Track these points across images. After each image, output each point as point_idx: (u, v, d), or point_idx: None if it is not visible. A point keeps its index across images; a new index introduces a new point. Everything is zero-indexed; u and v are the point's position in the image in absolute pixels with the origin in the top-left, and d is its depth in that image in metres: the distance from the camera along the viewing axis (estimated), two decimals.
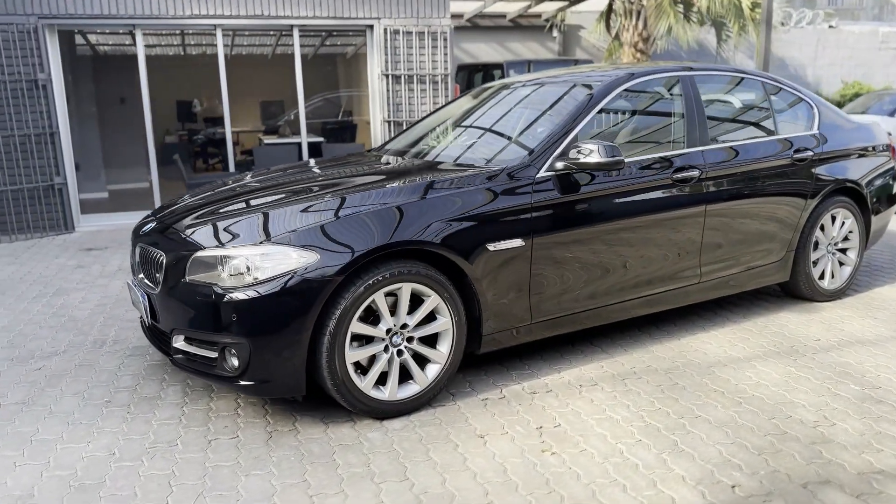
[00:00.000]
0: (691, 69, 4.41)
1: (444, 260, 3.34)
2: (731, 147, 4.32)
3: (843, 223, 4.87)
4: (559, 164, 3.67)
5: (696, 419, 3.24)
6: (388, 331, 3.25)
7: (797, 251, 4.69)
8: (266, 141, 10.31)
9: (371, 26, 9.07)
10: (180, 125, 13.75)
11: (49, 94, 8.06)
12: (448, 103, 5.32)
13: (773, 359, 3.92)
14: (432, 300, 3.31)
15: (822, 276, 4.86)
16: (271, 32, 10.71)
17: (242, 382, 3.10)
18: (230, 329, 3.04)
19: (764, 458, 2.90)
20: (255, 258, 3.06)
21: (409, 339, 3.32)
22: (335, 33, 10.67)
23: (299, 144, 9.47)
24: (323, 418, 3.31)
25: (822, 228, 4.78)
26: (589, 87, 4.10)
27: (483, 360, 3.96)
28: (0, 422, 3.36)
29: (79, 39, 11.69)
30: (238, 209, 3.52)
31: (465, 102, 4.91)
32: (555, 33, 17.94)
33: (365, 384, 3.21)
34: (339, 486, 2.76)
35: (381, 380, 3.29)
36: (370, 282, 3.13)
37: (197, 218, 3.54)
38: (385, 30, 8.99)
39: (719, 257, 4.27)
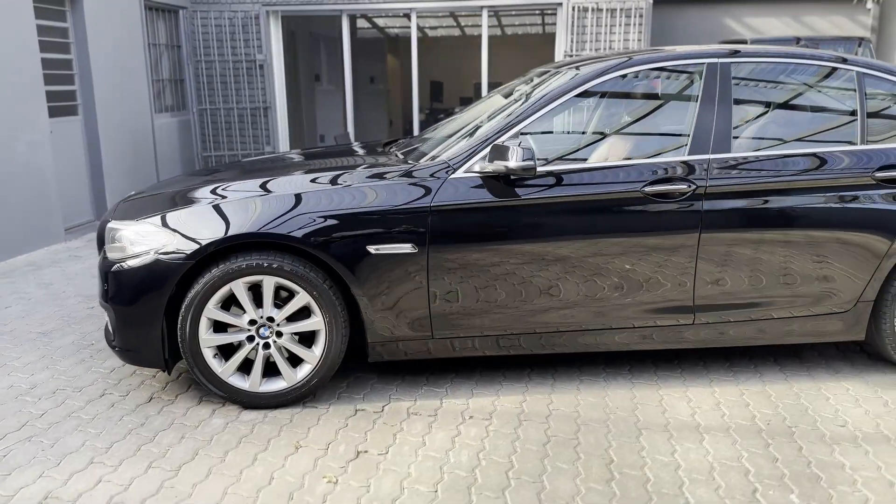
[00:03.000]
0: (733, 54, 3.47)
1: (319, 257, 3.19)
2: (762, 157, 3.34)
3: None
4: (478, 167, 3.23)
5: (532, 484, 2.66)
6: (253, 322, 3.22)
7: (879, 303, 3.46)
8: None
9: (560, 4, 8.62)
10: (430, 104, 14.60)
11: (266, 73, 9.19)
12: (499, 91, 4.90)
13: (746, 438, 3.00)
14: (300, 297, 3.18)
15: None
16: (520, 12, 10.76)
17: (116, 349, 3.35)
18: (106, 297, 3.29)
19: None
20: (131, 234, 3.25)
21: (280, 335, 3.25)
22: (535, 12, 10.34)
23: None
24: (213, 398, 3.42)
25: None
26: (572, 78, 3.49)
27: (426, 366, 3.69)
28: None
29: (361, 23, 13.00)
30: (177, 189, 3.70)
31: (500, 91, 4.50)
32: (868, 4, 14.99)
33: (223, 370, 3.23)
34: (119, 456, 2.86)
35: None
36: (227, 270, 3.13)
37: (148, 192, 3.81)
38: (574, 7, 8.47)
39: (729, 298, 3.36)
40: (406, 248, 3.18)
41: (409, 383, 3.55)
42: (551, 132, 3.59)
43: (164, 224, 3.21)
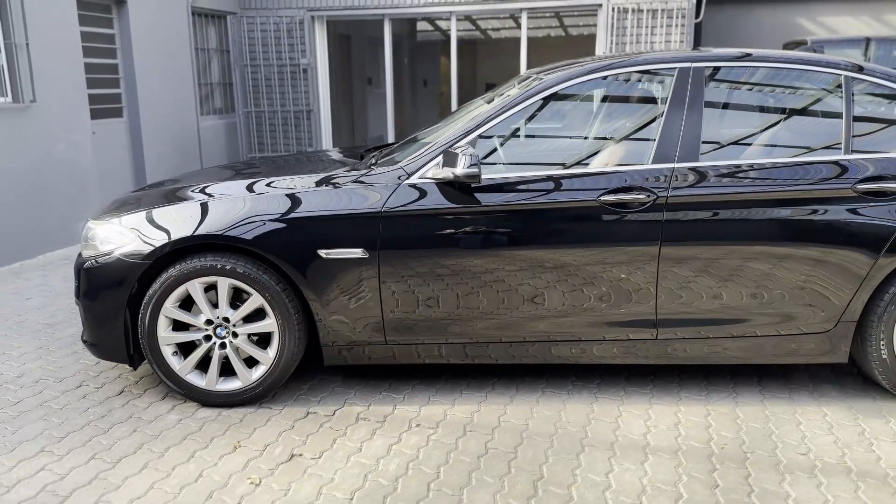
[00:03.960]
0: (708, 59, 3.32)
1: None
2: (731, 166, 3.17)
3: None
4: (431, 173, 3.21)
5: (450, 497, 2.61)
6: (210, 322, 3.30)
7: (864, 324, 3.23)
8: None
9: (600, 5, 8.43)
10: None
11: (311, 76, 9.39)
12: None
13: (693, 461, 2.85)
14: (254, 299, 3.24)
15: None
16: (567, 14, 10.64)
17: (86, 343, 3.49)
18: (77, 294, 3.44)
19: None
20: (101, 233, 3.38)
21: (236, 335, 3.31)
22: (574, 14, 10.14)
23: None
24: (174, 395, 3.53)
25: None
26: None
27: (392, 372, 3.69)
28: None
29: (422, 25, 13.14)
30: (152, 192, 3.82)
31: (485, 97, 4.44)
32: None
33: (180, 368, 3.32)
34: (69, 446, 2.98)
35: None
36: (183, 271, 3.22)
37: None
38: (614, 8, 8.28)
39: (694, 314, 3.21)
40: (356, 252, 3.18)
41: (370, 388, 3.55)
42: (517, 137, 3.52)
43: (128, 225, 3.33)
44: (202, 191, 3.43)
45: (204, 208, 3.28)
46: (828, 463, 2.83)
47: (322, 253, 3.19)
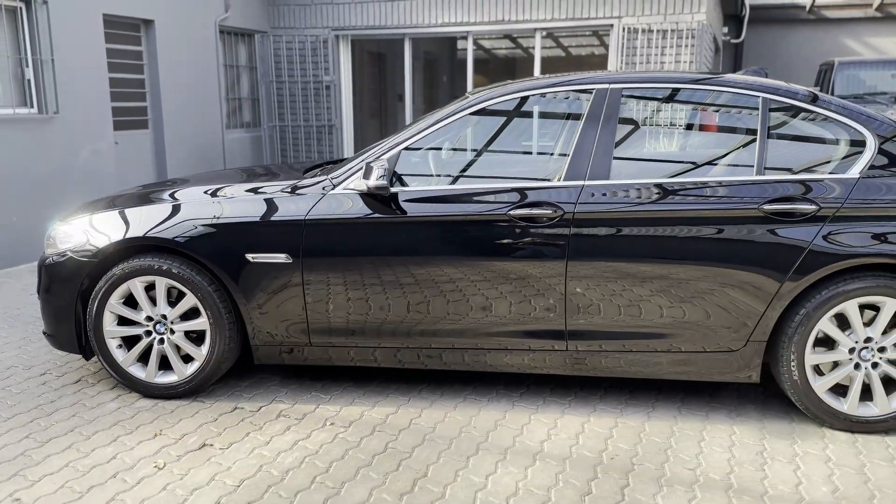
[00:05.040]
0: (625, 81, 3.41)
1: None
2: (640, 184, 3.24)
3: None
4: (353, 185, 3.39)
5: (328, 489, 2.76)
6: (150, 318, 3.55)
7: (776, 345, 3.24)
8: None
9: (611, 25, 8.49)
10: None
11: (333, 93, 9.74)
12: None
13: (577, 469, 2.93)
14: (187, 299, 3.48)
15: (843, 393, 3.25)
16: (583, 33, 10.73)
17: (44, 334, 3.79)
18: (38, 288, 3.75)
19: None
20: (61, 233, 3.69)
21: (173, 332, 3.55)
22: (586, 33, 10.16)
23: None
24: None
25: (844, 321, 3.18)
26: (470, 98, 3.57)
27: (327, 372, 3.88)
28: None
29: (462, 44, 13.41)
30: (112, 197, 4.11)
31: None
32: None
33: (123, 360, 3.59)
34: (10, 426, 3.26)
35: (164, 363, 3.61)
36: (125, 270, 3.48)
37: None
38: (625, 28, 8.33)
39: (604, 327, 3.28)
40: (281, 257, 3.39)
41: (304, 388, 3.74)
42: (446, 150, 3.67)
43: (82, 226, 3.62)
44: (170, 195, 3.68)
45: (146, 213, 3.54)
46: (711, 479, 2.86)
47: (250, 257, 3.40)
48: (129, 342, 3.63)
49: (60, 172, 6.82)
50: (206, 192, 3.61)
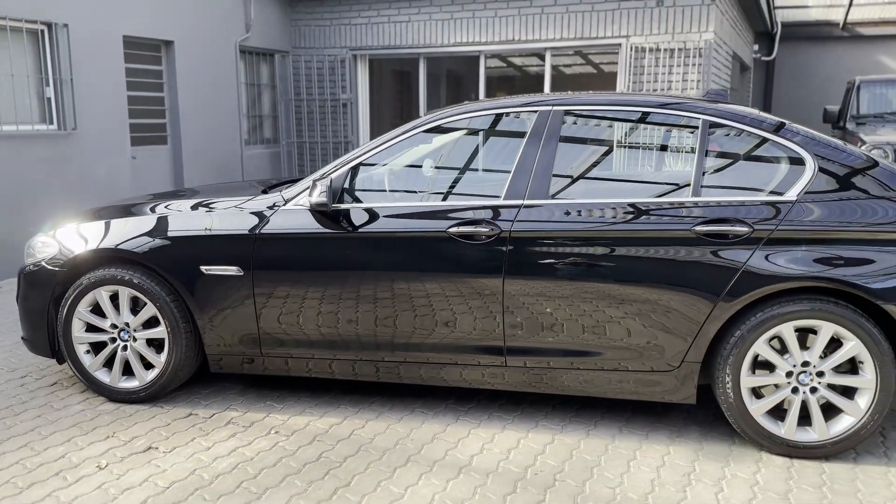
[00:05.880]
0: (567, 103, 3.47)
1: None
2: (576, 204, 3.29)
3: (839, 344, 3.11)
4: (304, 201, 3.53)
5: (251, 494, 2.87)
6: (115, 326, 3.74)
7: (711, 366, 3.24)
8: None
9: (619, 45, 8.51)
10: None
11: (350, 111, 9.96)
12: None
13: (499, 483, 2.97)
14: (147, 308, 3.66)
15: (782, 417, 3.22)
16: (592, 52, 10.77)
17: (21, 338, 4.01)
18: (17, 295, 3.98)
19: None
20: (38, 244, 3.92)
21: (135, 339, 3.73)
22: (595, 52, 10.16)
23: None
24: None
25: (782, 344, 3.17)
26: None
27: (286, 382, 4.01)
28: None
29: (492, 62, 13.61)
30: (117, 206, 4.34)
31: None
32: None
33: (90, 365, 3.78)
34: None
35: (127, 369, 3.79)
36: (92, 279, 3.68)
37: None
38: (632, 47, 8.34)
39: (539, 344, 3.33)
40: (232, 270, 3.54)
41: (260, 397, 3.87)
42: (393, 168, 3.77)
43: (55, 237, 3.84)
44: (150, 209, 3.87)
45: (111, 226, 3.74)
46: (628, 498, 2.87)
47: (203, 269, 3.56)
48: (96, 348, 3.82)
49: (78, 185, 7.16)
50: (166, 207, 3.80)
